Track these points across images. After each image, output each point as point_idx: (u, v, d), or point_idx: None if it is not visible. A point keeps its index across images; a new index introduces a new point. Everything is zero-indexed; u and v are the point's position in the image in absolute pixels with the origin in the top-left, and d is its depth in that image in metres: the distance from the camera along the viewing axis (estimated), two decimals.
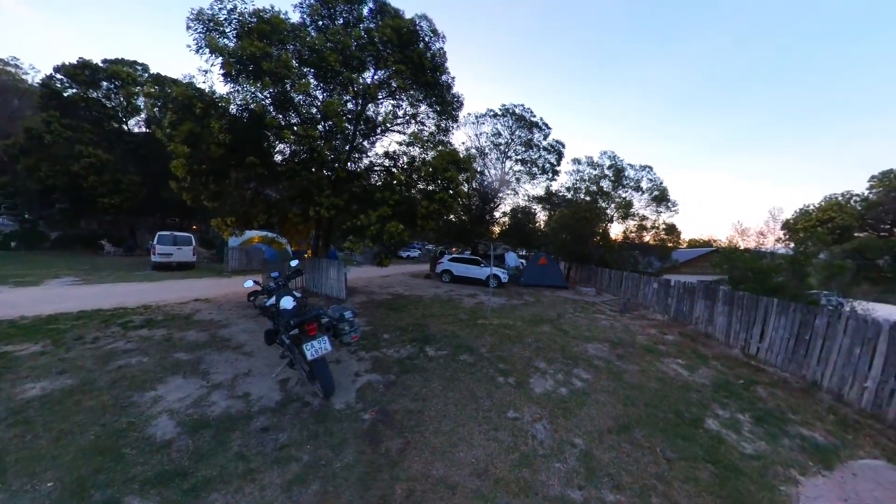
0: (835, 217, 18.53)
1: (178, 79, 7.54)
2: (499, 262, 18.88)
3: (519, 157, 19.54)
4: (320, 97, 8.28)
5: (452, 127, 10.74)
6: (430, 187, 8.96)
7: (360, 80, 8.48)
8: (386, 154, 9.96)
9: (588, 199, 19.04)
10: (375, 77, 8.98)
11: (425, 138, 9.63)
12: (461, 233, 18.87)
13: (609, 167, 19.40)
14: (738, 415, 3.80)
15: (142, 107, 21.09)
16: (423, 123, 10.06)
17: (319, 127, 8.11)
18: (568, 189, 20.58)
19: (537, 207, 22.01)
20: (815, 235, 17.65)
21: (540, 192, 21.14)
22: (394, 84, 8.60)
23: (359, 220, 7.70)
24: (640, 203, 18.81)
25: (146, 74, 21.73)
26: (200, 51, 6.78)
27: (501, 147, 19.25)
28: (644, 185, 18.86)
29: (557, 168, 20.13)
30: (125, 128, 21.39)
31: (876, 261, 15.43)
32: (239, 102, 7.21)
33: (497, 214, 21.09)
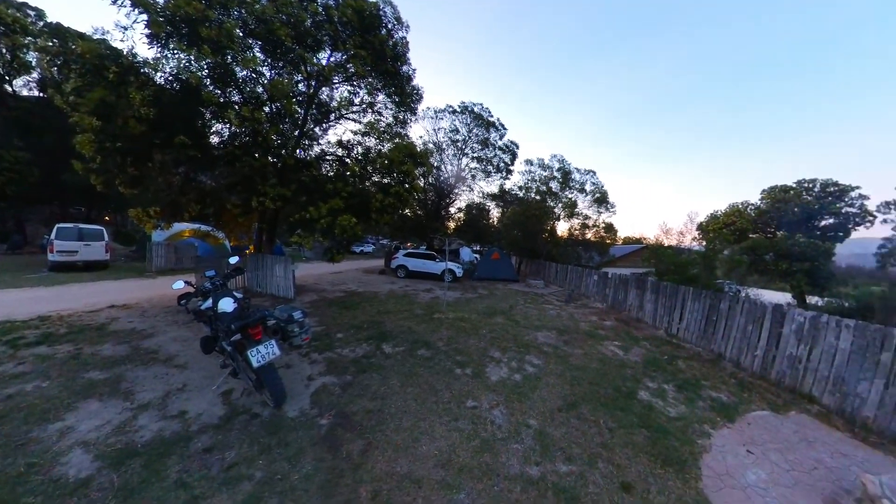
0: (736, 221, 22.67)
1: (87, 33, 6.21)
2: (454, 257, 19.16)
3: (475, 155, 19.94)
4: (267, 74, 7.53)
5: (411, 120, 10.54)
6: (386, 180, 8.69)
7: (315, 61, 7.84)
8: (339, 143, 9.44)
9: (538, 198, 20.21)
10: (332, 59, 8.41)
11: (382, 129, 9.31)
12: (417, 228, 18.76)
13: (558, 170, 20.78)
14: (663, 385, 4.39)
15: (33, 64, 16.88)
16: (380, 113, 9.71)
17: (266, 108, 7.39)
18: (520, 188, 21.60)
19: (491, 204, 22.81)
20: (721, 236, 21.24)
21: (494, 189, 21.91)
22: (351, 69, 8.09)
23: (308, 213, 7.20)
24: (583, 203, 20.48)
25: (41, 22, 16.90)
26: (119, 2, 5.59)
27: (459, 144, 19.46)
28: (588, 187, 20.55)
29: (511, 167, 20.99)
30: (9, 89, 17.09)
31: (764, 256, 19.27)
32: (168, 71, 6.18)
33: (453, 210, 21.40)
